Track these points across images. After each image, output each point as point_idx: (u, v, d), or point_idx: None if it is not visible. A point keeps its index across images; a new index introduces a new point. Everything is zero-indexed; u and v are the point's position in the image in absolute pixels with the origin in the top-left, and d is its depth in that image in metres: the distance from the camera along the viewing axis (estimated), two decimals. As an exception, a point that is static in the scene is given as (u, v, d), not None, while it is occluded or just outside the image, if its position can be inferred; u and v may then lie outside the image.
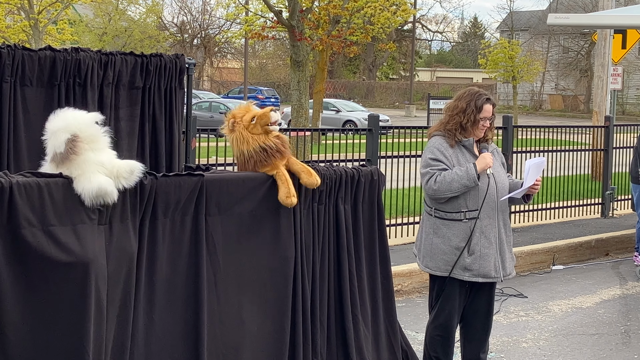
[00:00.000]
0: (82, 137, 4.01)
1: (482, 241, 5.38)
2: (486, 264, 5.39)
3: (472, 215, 5.36)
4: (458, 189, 5.30)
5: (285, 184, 4.62)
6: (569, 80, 62.18)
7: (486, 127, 5.45)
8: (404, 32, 67.57)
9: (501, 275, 5.46)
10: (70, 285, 3.91)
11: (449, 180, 5.29)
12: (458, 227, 5.38)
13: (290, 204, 4.63)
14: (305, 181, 4.72)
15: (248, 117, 4.67)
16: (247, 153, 4.64)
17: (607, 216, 12.91)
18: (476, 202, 5.36)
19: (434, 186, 5.33)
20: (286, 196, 4.60)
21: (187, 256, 4.40)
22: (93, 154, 4.02)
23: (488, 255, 5.39)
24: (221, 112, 33.63)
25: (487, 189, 5.36)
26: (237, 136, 4.66)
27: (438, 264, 5.45)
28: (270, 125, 4.66)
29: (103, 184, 3.97)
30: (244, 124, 4.66)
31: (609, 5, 16.10)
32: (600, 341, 7.11)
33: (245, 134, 4.64)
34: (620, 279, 9.53)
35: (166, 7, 68.70)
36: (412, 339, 6.42)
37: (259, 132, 4.65)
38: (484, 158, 5.37)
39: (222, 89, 62.65)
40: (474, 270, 5.39)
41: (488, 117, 5.44)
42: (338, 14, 22.27)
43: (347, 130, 10.65)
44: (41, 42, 24.77)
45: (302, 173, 4.73)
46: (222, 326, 4.50)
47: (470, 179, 5.28)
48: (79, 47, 5.39)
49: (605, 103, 16.17)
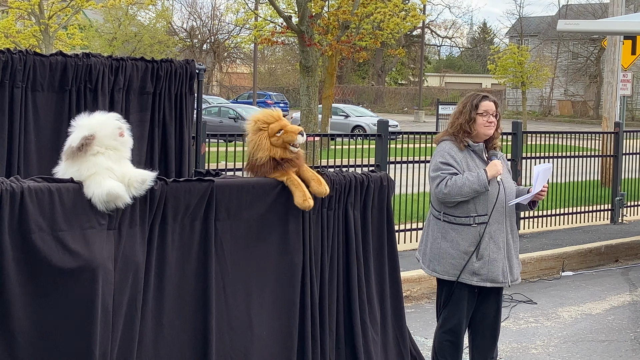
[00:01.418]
0: (97, 139, 4.04)
1: (491, 246, 5.38)
2: (494, 269, 5.39)
3: (481, 220, 5.36)
4: (468, 193, 5.31)
5: (300, 187, 4.62)
6: (578, 86, 62.06)
7: (491, 123, 5.43)
8: (413, 38, 67.55)
9: (509, 280, 5.47)
10: (79, 290, 3.93)
11: (460, 184, 5.30)
12: (467, 232, 5.38)
13: (309, 207, 4.63)
14: (315, 190, 4.71)
15: (275, 127, 4.64)
16: (259, 160, 4.64)
17: (617, 222, 12.88)
18: (485, 207, 5.36)
19: (444, 190, 5.34)
20: (303, 199, 4.61)
21: (196, 261, 4.41)
22: (105, 159, 4.04)
23: (496, 260, 5.39)
24: (230, 117, 33.68)
25: (498, 194, 5.36)
26: (257, 142, 4.64)
27: (446, 268, 5.45)
28: (292, 146, 4.65)
29: (113, 188, 3.98)
30: (270, 132, 4.64)
31: (619, 12, 16.07)
32: (609, 348, 7.09)
33: (265, 142, 4.62)
34: (630, 285, 9.50)
35: (176, 13, 68.75)
36: (422, 345, 6.41)
37: (279, 146, 4.64)
38: (494, 165, 5.38)
39: (232, 94, 62.73)
40: (482, 275, 5.39)
41: (490, 111, 5.42)
42: (347, 20, 22.26)
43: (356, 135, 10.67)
44: (51, 47, 24.84)
45: (312, 181, 4.72)
46: (230, 331, 4.51)
47: (481, 184, 5.28)
48: (90, 53, 5.40)
49: (614, 109, 16.14)
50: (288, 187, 4.65)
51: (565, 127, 42.04)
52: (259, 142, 4.63)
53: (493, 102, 5.48)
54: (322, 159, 11.12)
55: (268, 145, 4.61)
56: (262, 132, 4.64)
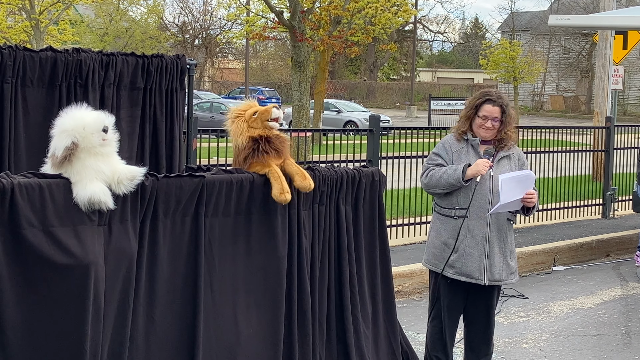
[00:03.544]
0: (81, 147, 3.99)
1: (468, 240, 5.38)
2: (469, 264, 5.38)
3: (461, 214, 5.38)
4: (445, 186, 5.36)
5: (278, 180, 4.58)
6: (570, 81, 62.16)
7: (488, 129, 5.39)
8: (405, 33, 67.56)
9: (486, 278, 5.40)
10: (70, 286, 3.92)
11: (438, 176, 5.37)
12: (449, 223, 5.44)
13: (284, 200, 4.59)
14: (299, 184, 4.67)
15: (250, 112, 4.68)
16: (239, 145, 4.63)
17: (608, 217, 12.91)
18: (466, 201, 5.37)
19: (424, 180, 5.47)
20: (279, 192, 4.56)
21: (187, 257, 4.41)
22: (93, 160, 4.00)
23: (472, 255, 5.38)
24: (222, 112, 33.63)
25: (475, 188, 5.32)
26: (235, 128, 4.66)
27: (429, 257, 5.56)
28: (270, 121, 4.63)
29: (96, 194, 3.96)
30: (246, 117, 4.66)
31: (610, 7, 16.10)
32: (601, 342, 7.11)
33: (242, 125, 4.63)
34: (621, 279, 9.53)
35: (167, 8, 68.69)
36: (413, 340, 6.42)
37: (259, 127, 4.64)
38: (477, 165, 5.32)
39: (223, 89, 62.65)
40: (456, 268, 5.41)
41: (489, 116, 5.37)
42: (339, 15, 22.27)
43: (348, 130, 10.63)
44: (42, 42, 24.78)
45: (296, 175, 4.68)
46: (217, 328, 4.50)
47: (456, 178, 5.30)
48: (80, 48, 5.39)
49: (606, 104, 16.17)
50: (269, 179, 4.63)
51: (557, 122, 42.10)
52: (237, 128, 4.64)
53: (499, 107, 5.37)
54: (314, 154, 11.13)
55: (246, 127, 4.62)
56: (239, 118, 4.67)
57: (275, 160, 4.63)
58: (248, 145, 4.61)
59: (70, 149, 3.96)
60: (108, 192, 4.01)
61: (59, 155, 3.98)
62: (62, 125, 4.03)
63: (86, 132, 4.00)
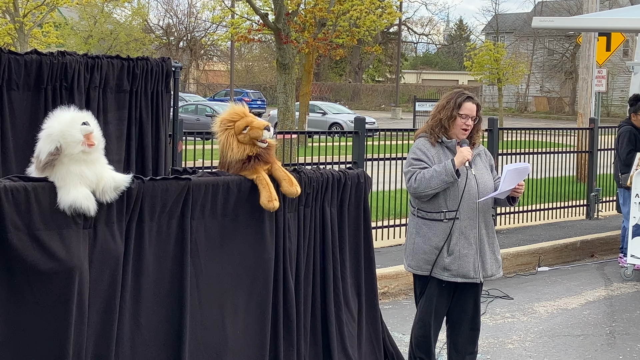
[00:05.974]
0: (65, 153, 3.98)
1: (462, 241, 5.40)
2: (465, 265, 5.42)
3: (451, 216, 5.39)
4: (438, 185, 5.32)
5: (267, 187, 4.61)
6: (554, 82, 62.41)
7: (468, 127, 5.43)
8: (389, 35, 67.65)
9: (480, 276, 5.47)
10: (54, 289, 3.92)
11: (428, 177, 5.33)
12: (438, 227, 5.41)
13: (272, 208, 4.63)
14: (286, 190, 4.71)
15: (241, 125, 4.63)
16: (229, 159, 4.64)
17: (592, 218, 12.97)
18: (456, 203, 5.38)
19: (414, 184, 5.38)
20: (268, 200, 4.59)
21: (173, 259, 4.41)
22: (77, 166, 3.98)
23: (467, 255, 5.41)
24: (207, 114, 33.59)
25: (464, 188, 5.36)
26: (224, 141, 4.65)
27: (419, 263, 5.50)
28: (259, 142, 4.64)
29: (78, 199, 3.95)
30: (235, 130, 4.64)
31: (594, 8, 16.20)
32: (585, 342, 7.15)
33: (231, 140, 4.62)
34: (605, 280, 9.58)
35: (152, 10, 68.48)
36: (399, 341, 6.44)
37: (247, 142, 4.64)
38: (460, 152, 5.37)
39: (208, 91, 62.59)
40: (452, 270, 5.42)
41: (470, 115, 5.42)
42: (324, 17, 22.28)
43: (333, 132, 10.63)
44: (26, 45, 24.68)
45: (283, 181, 4.71)
46: (203, 330, 4.51)
47: (448, 174, 5.30)
48: (65, 51, 5.38)
49: (590, 105, 16.26)
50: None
51: (541, 123, 42.26)
52: (227, 142, 4.63)
53: (476, 105, 5.46)
54: (299, 156, 11.14)
55: (236, 144, 4.62)
56: (228, 131, 4.64)
57: (262, 166, 4.66)
58: (237, 165, 4.62)
59: (53, 154, 3.94)
60: (91, 197, 4.00)
61: (42, 159, 3.97)
62: (49, 129, 4.03)
63: (69, 135, 3.98)
